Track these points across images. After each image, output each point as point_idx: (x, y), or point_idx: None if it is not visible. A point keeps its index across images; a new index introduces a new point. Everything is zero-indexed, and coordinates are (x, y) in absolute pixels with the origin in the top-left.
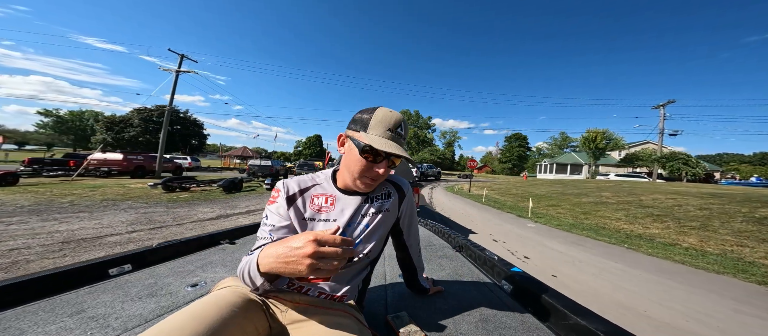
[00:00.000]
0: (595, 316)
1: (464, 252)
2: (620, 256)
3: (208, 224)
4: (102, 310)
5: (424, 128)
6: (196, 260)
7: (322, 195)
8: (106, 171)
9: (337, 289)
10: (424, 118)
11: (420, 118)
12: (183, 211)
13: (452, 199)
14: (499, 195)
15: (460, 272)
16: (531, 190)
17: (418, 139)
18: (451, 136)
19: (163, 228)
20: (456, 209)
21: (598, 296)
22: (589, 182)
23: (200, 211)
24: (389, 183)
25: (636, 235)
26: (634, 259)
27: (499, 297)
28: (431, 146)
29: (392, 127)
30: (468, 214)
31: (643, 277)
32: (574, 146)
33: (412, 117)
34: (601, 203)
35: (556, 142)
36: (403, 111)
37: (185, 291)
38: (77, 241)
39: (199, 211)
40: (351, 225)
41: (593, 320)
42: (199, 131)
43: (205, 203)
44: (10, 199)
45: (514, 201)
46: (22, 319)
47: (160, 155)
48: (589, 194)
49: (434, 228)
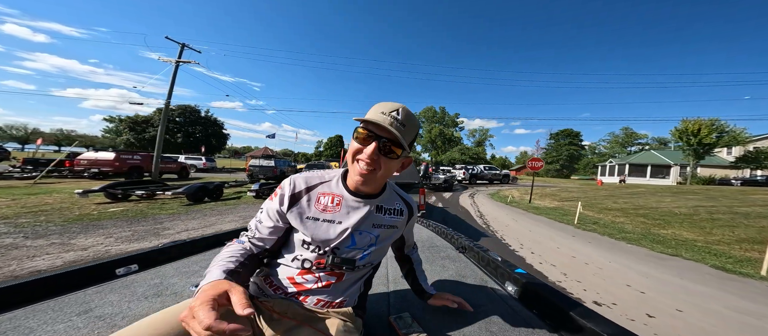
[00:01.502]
0: (602, 319)
1: (468, 253)
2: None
3: None
4: (109, 309)
5: (450, 126)
6: (201, 261)
7: (329, 194)
8: (96, 172)
9: (335, 297)
10: (450, 115)
11: (446, 115)
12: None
13: (516, 216)
14: (593, 211)
15: (463, 274)
16: (643, 204)
17: (445, 138)
18: (482, 135)
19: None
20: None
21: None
22: (756, 193)
23: (79, 244)
24: (401, 199)
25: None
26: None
27: (503, 299)
28: (460, 145)
29: (385, 110)
30: (602, 268)
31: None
32: (642, 144)
33: (437, 114)
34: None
35: (617, 139)
36: (428, 108)
37: (190, 291)
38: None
39: (76, 244)
40: (359, 231)
41: (600, 323)
42: (219, 132)
43: (135, 223)
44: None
45: (638, 223)
46: (31, 318)
47: (157, 155)
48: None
49: (437, 229)
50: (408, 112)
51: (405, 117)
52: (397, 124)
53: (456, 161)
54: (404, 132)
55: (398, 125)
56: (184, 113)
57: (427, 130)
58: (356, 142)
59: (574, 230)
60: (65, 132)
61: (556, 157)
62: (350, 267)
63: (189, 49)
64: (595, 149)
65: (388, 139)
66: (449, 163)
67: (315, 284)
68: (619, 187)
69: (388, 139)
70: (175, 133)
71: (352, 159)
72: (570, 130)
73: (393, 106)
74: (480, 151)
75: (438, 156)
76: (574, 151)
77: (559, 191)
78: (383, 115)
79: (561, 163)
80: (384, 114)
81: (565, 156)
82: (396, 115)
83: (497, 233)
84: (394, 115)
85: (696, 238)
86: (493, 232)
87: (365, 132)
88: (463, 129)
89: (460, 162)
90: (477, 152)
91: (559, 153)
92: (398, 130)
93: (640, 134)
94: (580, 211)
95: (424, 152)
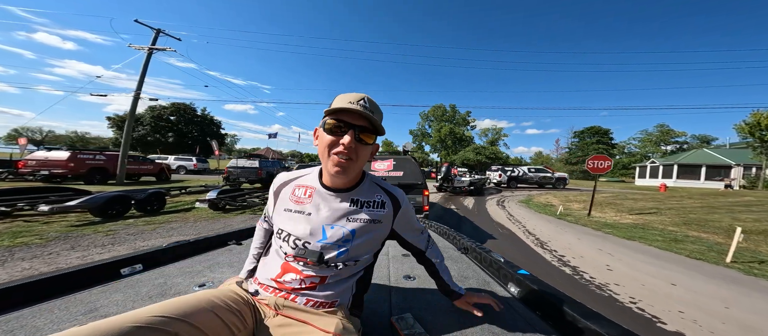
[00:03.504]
0: (606, 320)
1: (470, 254)
2: None
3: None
4: (114, 309)
5: (461, 125)
6: (204, 261)
7: (303, 187)
8: (47, 174)
9: (325, 296)
10: (461, 113)
11: (456, 113)
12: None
13: (586, 237)
14: (720, 235)
15: (465, 274)
16: (747, 218)
17: (455, 138)
18: (495, 134)
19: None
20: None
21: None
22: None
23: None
24: (383, 190)
25: None
26: None
27: (506, 300)
28: (472, 144)
29: (353, 100)
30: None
31: None
32: (680, 142)
33: (447, 112)
34: None
35: (650, 138)
36: (437, 106)
37: (193, 291)
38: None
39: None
40: (330, 225)
41: (604, 324)
42: (216, 131)
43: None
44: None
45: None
46: (38, 317)
47: (122, 155)
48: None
49: (438, 229)
50: (372, 100)
51: (372, 104)
52: (367, 112)
53: (469, 161)
54: (376, 117)
55: (368, 112)
56: (177, 112)
57: (436, 129)
58: (329, 134)
59: (741, 277)
60: (80, 134)
61: (581, 157)
62: (318, 261)
63: (165, 35)
64: (624, 148)
65: (361, 127)
66: (462, 163)
67: (299, 284)
68: (725, 194)
69: (360, 127)
70: (167, 133)
71: (328, 153)
72: (598, 128)
73: (359, 96)
74: (497, 151)
75: (448, 156)
76: (603, 151)
77: (615, 199)
78: (352, 104)
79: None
80: (352, 103)
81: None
82: (364, 103)
83: (585, 274)
84: (362, 103)
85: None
86: (581, 274)
87: (336, 122)
88: (474, 128)
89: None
90: (494, 152)
91: (585, 152)
92: (372, 115)
93: (677, 132)
94: (738, 241)
95: (433, 152)
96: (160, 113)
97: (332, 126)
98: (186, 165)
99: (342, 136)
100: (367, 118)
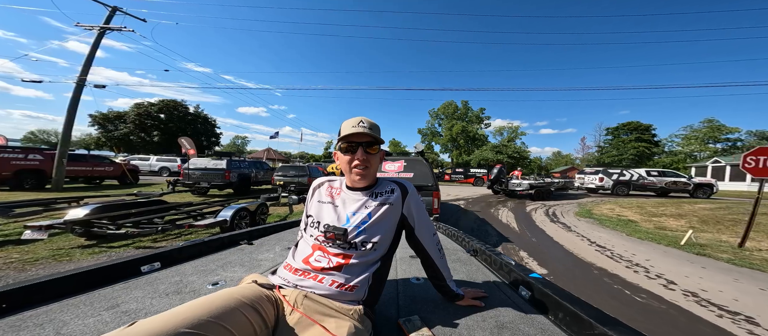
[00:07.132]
0: (625, 327)
1: (479, 256)
2: None
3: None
4: (134, 305)
5: (474, 122)
6: (217, 260)
7: (336, 188)
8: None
9: (347, 281)
10: (474, 110)
11: (469, 111)
12: None
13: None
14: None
15: (474, 277)
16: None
17: (468, 136)
18: (511, 132)
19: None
20: None
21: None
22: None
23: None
24: (392, 182)
25: None
26: None
27: (516, 303)
28: (488, 143)
29: (354, 124)
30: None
31: None
32: (732, 139)
33: (458, 110)
34: None
35: (697, 134)
36: (448, 103)
37: (207, 289)
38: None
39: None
40: (353, 213)
41: (622, 331)
42: (211, 130)
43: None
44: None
45: None
46: (65, 312)
47: (59, 154)
48: None
49: (447, 231)
50: (369, 119)
51: (369, 123)
52: (368, 129)
53: (486, 161)
54: (375, 132)
55: (369, 129)
56: (166, 109)
57: (446, 128)
58: (344, 154)
59: None
60: (93, 136)
61: (616, 157)
62: (343, 237)
63: (124, 13)
64: (665, 147)
65: (367, 142)
66: (478, 164)
67: (327, 263)
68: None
69: (366, 143)
70: (152, 131)
71: (349, 168)
72: (638, 123)
73: (358, 119)
74: (521, 150)
75: (460, 157)
76: (644, 149)
77: (730, 213)
78: (355, 127)
79: (625, 164)
80: (355, 126)
81: (632, 155)
82: (364, 124)
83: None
84: (363, 124)
85: None
86: None
87: (347, 144)
88: (489, 126)
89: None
90: (518, 151)
91: (621, 151)
92: (371, 132)
93: (729, 127)
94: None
95: (443, 152)
96: (147, 110)
97: (346, 147)
98: (169, 166)
99: (355, 152)
100: (369, 135)
